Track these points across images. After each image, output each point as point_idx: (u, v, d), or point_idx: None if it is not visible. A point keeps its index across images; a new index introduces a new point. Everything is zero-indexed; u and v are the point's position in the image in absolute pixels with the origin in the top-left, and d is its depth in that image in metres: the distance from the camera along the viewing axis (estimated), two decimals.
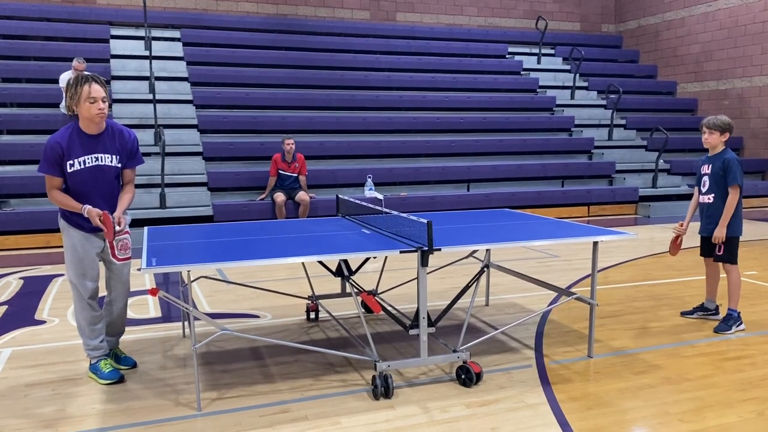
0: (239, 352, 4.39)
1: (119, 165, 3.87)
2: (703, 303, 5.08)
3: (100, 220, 3.66)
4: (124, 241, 3.86)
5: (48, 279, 6.74)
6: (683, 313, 5.14)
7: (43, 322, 5.20)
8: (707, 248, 4.90)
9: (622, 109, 14.17)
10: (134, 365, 4.15)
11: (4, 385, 3.85)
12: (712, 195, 4.78)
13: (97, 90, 3.67)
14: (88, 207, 3.68)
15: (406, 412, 3.41)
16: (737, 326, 4.72)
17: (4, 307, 5.66)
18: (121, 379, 3.87)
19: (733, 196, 4.65)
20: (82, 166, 3.72)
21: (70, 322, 5.17)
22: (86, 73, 3.76)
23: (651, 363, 4.11)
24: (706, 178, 4.84)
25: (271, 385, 3.80)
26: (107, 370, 3.87)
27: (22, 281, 6.67)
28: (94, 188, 3.78)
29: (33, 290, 6.28)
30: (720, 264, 4.87)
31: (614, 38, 17.21)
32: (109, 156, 3.81)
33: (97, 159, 3.76)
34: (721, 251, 4.75)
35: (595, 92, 14.70)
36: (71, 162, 3.70)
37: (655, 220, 10.94)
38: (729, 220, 4.67)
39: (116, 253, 3.83)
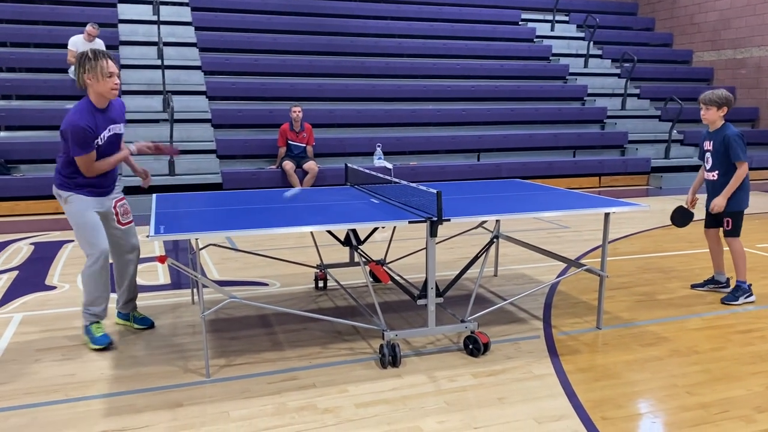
0: (248, 319, 4.41)
1: (123, 131, 4.04)
2: (713, 276, 5.04)
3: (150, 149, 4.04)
4: (124, 206, 4.06)
5: (58, 245, 6.78)
6: (693, 286, 5.11)
7: (53, 287, 5.24)
8: (711, 221, 4.84)
9: (636, 78, 13.93)
10: (152, 325, 4.25)
11: (14, 349, 3.90)
12: (716, 172, 4.70)
13: (112, 66, 3.74)
14: (132, 146, 4.01)
15: (413, 381, 3.42)
16: (745, 298, 4.69)
17: (15, 273, 5.70)
18: (109, 344, 3.91)
19: (741, 171, 4.56)
20: (103, 141, 3.83)
21: (80, 287, 5.20)
22: (96, 48, 3.79)
23: (659, 335, 4.09)
24: (708, 155, 4.76)
25: (280, 352, 3.82)
26: (98, 335, 3.91)
27: (32, 247, 6.71)
28: (107, 156, 3.89)
29: (43, 256, 6.32)
30: (720, 235, 4.83)
31: (629, 5, 16.85)
32: (118, 125, 3.94)
33: (110, 130, 3.87)
34: (729, 226, 4.69)
35: (609, 61, 14.45)
36: (98, 140, 3.79)
37: (667, 192, 10.84)
38: (732, 192, 4.60)
39: (120, 218, 4.01)
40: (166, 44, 11.43)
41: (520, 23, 15.10)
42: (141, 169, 4.29)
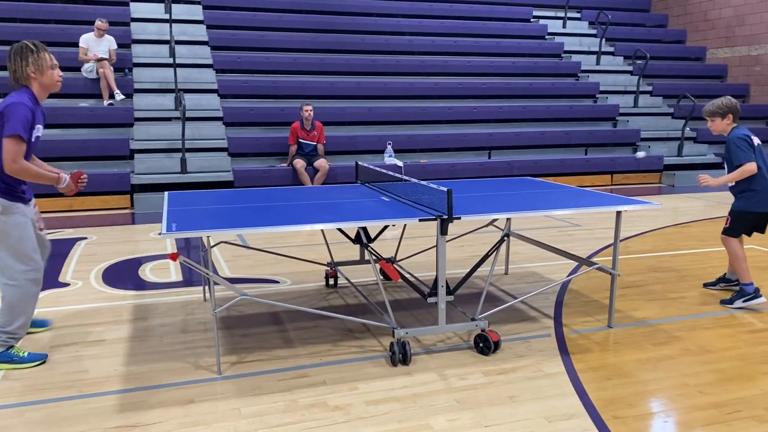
0: (259, 316, 4.43)
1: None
2: (725, 274, 5.00)
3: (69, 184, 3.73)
4: (39, 213, 3.92)
5: (71, 242, 6.84)
6: (706, 285, 5.07)
7: (66, 284, 5.29)
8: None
9: (648, 75, 13.83)
10: (49, 326, 4.23)
11: (29, 346, 3.93)
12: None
13: (53, 57, 3.57)
14: (65, 175, 3.69)
15: (423, 379, 3.42)
16: (745, 301, 4.54)
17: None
18: (45, 359, 3.68)
19: (744, 168, 4.41)
20: (38, 135, 3.60)
21: (93, 284, 5.25)
22: (36, 42, 3.55)
23: (672, 334, 4.07)
24: (724, 161, 4.73)
25: (290, 349, 3.84)
26: (25, 354, 3.63)
27: None
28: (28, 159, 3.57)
29: (56, 253, 6.36)
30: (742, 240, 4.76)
31: (642, 2, 16.72)
32: (42, 126, 3.68)
33: (38, 129, 3.61)
34: (727, 224, 4.64)
35: (622, 58, 14.35)
36: (35, 130, 3.54)
37: (680, 190, 10.76)
38: (730, 181, 4.53)
39: (41, 225, 3.92)
40: (178, 42, 11.48)
41: (531, 20, 15.03)
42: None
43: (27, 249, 3.53)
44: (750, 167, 4.42)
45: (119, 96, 10.08)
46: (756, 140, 4.55)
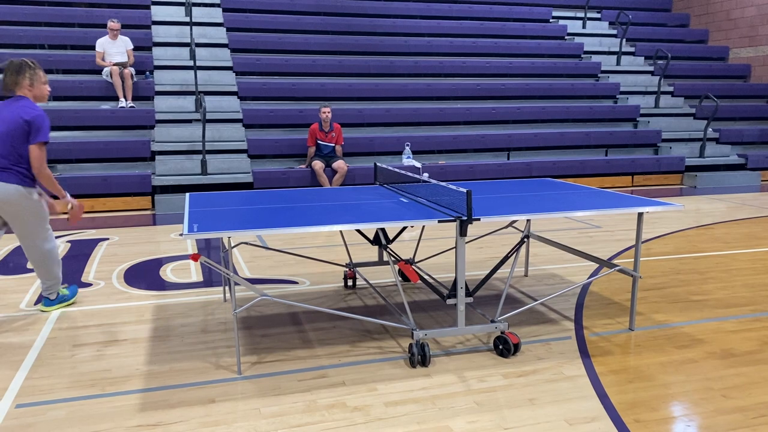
0: (278, 317, 4.45)
1: None
2: None
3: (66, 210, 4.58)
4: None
5: (94, 243, 6.92)
6: None
7: (89, 284, 5.36)
8: None
9: (670, 75, 13.69)
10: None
11: (52, 344, 3.99)
12: None
13: (45, 74, 4.35)
14: (70, 199, 4.45)
15: (442, 381, 3.41)
16: None
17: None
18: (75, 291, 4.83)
19: None
20: None
21: (115, 284, 5.31)
22: (31, 58, 4.30)
23: (695, 337, 4.02)
24: None
25: (310, 350, 3.85)
26: (66, 292, 4.72)
27: (69, 244, 6.87)
28: None
29: (79, 253, 6.45)
30: None
31: (664, 1, 16.55)
32: None
33: None
34: None
35: (642, 58, 14.22)
36: None
37: (702, 191, 10.63)
38: None
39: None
40: (198, 45, 11.59)
41: (551, 21, 14.95)
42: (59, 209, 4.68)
43: (46, 225, 4.44)
44: None
45: (129, 103, 10.15)
46: None
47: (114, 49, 10.26)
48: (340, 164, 9.56)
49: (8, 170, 4.15)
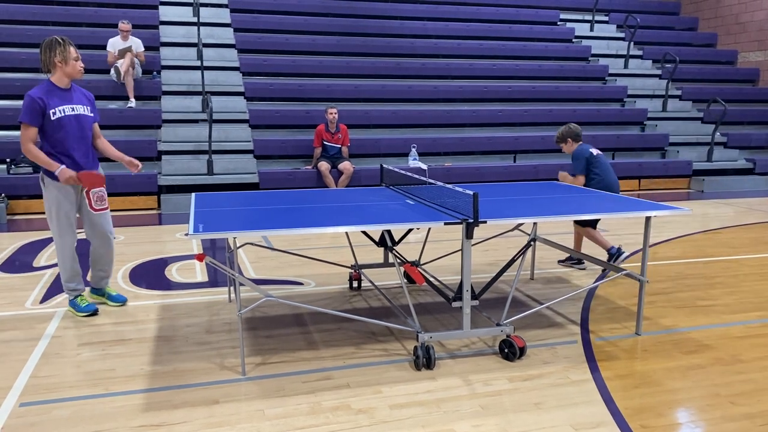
0: (283, 318, 4.44)
1: (92, 115, 4.42)
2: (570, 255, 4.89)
3: (74, 179, 4.22)
4: (99, 193, 4.38)
5: None
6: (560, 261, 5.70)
7: None
8: None
9: (677, 79, 13.63)
10: (124, 302, 4.74)
11: (57, 343, 3.99)
12: None
13: (77, 50, 4.30)
14: (63, 167, 4.18)
15: (447, 384, 3.39)
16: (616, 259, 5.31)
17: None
18: (95, 312, 4.51)
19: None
20: (63, 114, 4.21)
21: (120, 284, 5.32)
22: (58, 36, 4.25)
23: (702, 342, 3.99)
24: None
25: (314, 351, 3.84)
26: (83, 305, 4.49)
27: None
28: (77, 135, 4.28)
29: (85, 252, 6.45)
30: None
31: (672, 5, 16.49)
32: (83, 107, 4.34)
33: (73, 109, 4.26)
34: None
35: (650, 61, 14.16)
36: (53, 111, 4.17)
37: (710, 195, 10.57)
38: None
39: (93, 204, 4.33)
40: (206, 45, 11.61)
41: (558, 23, 14.91)
42: (128, 159, 4.63)
43: (57, 222, 4.33)
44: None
45: (128, 103, 10.17)
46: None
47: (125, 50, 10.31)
48: (346, 165, 9.56)
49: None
